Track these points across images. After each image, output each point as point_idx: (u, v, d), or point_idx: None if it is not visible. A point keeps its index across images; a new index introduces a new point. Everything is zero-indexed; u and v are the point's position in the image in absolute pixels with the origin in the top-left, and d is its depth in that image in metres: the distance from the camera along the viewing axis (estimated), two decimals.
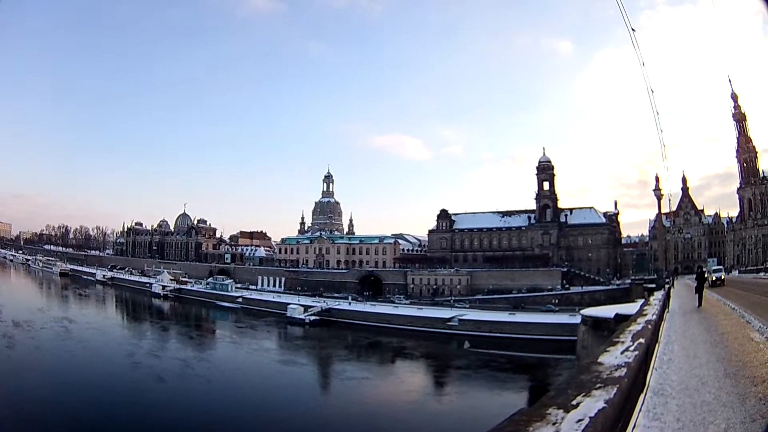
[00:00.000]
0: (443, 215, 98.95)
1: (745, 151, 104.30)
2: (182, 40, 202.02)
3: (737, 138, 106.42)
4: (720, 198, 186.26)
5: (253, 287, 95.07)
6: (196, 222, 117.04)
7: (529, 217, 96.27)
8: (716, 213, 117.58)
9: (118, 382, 31.39)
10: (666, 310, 13.89)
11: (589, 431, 1.59)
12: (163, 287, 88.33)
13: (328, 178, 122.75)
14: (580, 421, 1.61)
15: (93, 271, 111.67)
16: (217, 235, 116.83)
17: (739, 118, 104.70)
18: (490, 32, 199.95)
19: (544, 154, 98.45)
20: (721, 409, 4.50)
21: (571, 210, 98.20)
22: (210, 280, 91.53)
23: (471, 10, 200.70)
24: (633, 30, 9.34)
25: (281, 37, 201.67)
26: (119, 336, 50.84)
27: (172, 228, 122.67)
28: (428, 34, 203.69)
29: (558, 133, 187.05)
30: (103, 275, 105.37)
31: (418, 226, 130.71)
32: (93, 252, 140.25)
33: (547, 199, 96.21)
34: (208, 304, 79.93)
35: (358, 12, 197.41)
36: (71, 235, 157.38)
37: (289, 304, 68.87)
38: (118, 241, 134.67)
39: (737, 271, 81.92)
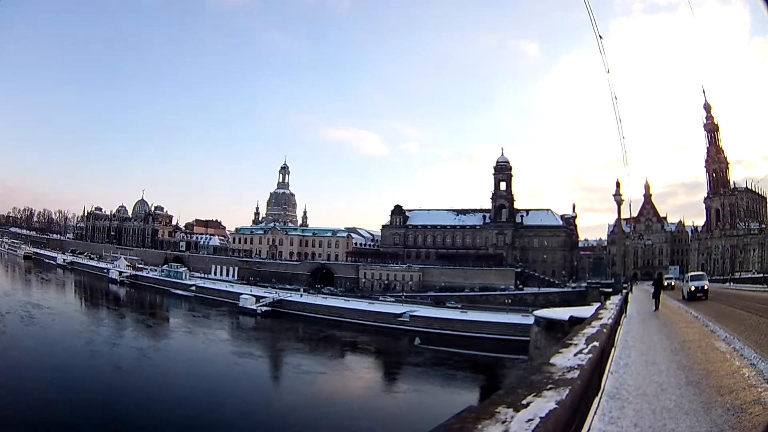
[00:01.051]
0: (397, 211, 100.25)
1: (716, 161, 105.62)
2: (149, 28, 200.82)
3: (707, 148, 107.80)
4: (685, 207, 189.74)
5: (207, 276, 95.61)
6: (153, 209, 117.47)
7: (484, 216, 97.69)
8: (680, 221, 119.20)
9: (77, 371, 32.65)
10: (623, 315, 14.10)
11: (540, 431, 1.59)
12: (120, 273, 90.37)
13: (285, 170, 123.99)
14: (530, 420, 1.61)
15: (55, 255, 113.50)
16: (173, 222, 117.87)
17: (711, 129, 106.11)
18: (454, 31, 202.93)
19: (502, 154, 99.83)
20: (683, 417, 4.40)
21: (527, 211, 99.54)
22: (165, 267, 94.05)
23: (436, 9, 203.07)
24: (600, 37, 9.49)
25: (246, 28, 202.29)
26: (79, 322, 52.68)
27: (130, 214, 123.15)
28: (392, 31, 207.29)
29: (518, 134, 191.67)
30: (64, 259, 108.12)
31: (372, 220, 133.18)
32: (55, 236, 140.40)
33: (503, 199, 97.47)
34: (162, 292, 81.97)
35: (326, 6, 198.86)
36: (35, 219, 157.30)
37: (241, 294, 70.68)
38: (78, 225, 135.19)
39: None
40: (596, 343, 3.91)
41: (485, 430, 1.49)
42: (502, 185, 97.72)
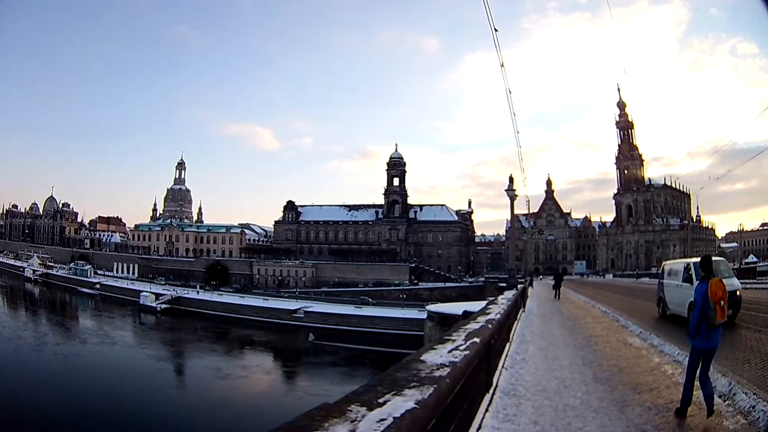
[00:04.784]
0: (290, 206, 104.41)
1: (628, 158, 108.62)
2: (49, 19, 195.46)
3: (619, 145, 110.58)
4: (591, 202, 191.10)
5: (110, 273, 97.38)
6: (61, 206, 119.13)
7: (377, 212, 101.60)
8: (586, 216, 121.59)
9: (10, 378, 33.36)
10: (521, 310, 14.27)
11: None
12: (34, 272, 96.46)
13: (181, 165, 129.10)
14: (382, 420, 1.55)
15: None
16: (79, 219, 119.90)
17: (624, 126, 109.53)
18: (355, 25, 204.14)
19: (396, 150, 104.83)
20: (592, 415, 4.27)
21: (421, 206, 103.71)
22: (72, 265, 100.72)
23: (335, 1, 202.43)
24: (496, 30, 9.61)
25: (146, 18, 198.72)
26: (3, 326, 54.77)
27: (41, 211, 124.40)
28: (289, 25, 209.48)
29: (414, 130, 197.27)
30: None
31: (266, 216, 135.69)
32: None
33: (396, 194, 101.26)
34: (71, 290, 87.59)
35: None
36: None
37: (141, 291, 75.04)
38: None
39: (612, 275, 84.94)
40: (477, 339, 3.86)
41: (331, 429, 1.45)
42: (396, 181, 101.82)
